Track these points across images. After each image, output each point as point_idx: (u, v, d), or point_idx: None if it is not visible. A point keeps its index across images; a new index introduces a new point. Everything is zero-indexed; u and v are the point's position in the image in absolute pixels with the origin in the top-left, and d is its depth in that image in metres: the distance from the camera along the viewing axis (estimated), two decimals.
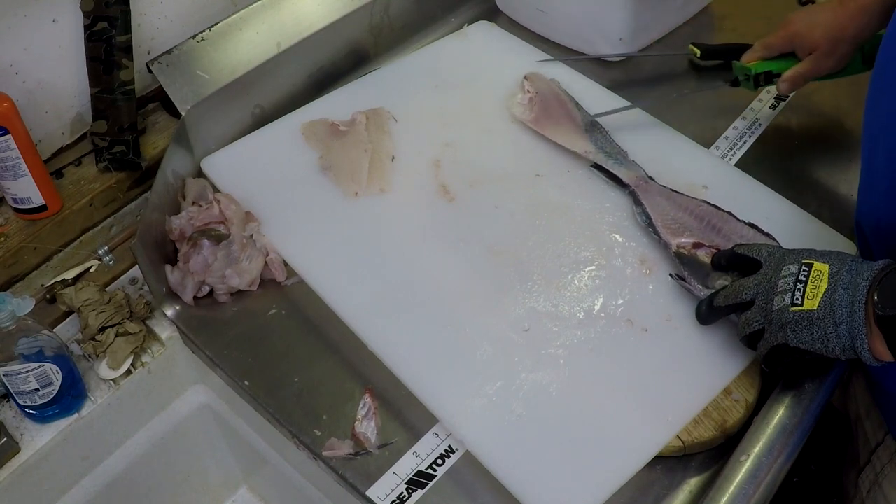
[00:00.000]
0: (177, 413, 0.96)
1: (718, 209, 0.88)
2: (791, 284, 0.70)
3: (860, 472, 0.87)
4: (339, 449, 0.76)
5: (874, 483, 0.85)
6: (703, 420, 0.75)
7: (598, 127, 1.00)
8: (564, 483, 0.72)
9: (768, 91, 1.11)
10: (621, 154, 0.96)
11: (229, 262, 0.87)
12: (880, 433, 0.85)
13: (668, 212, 0.88)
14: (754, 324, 0.73)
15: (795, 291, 0.69)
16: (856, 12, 0.90)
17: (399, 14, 1.17)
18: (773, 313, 0.71)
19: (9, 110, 0.86)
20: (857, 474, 0.87)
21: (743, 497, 0.69)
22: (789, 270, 0.71)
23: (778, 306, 0.70)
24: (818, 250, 0.73)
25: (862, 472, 0.87)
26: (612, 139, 0.99)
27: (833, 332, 0.67)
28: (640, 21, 1.12)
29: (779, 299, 0.70)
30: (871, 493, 0.85)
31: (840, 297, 0.67)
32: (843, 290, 0.67)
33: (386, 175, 0.97)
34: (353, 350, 0.83)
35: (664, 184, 0.92)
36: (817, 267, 0.70)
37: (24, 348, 0.78)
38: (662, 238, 0.87)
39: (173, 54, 0.98)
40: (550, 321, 0.83)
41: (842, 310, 0.67)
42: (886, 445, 0.84)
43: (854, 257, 0.70)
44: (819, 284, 0.69)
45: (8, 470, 0.81)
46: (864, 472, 0.87)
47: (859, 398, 0.90)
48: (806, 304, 0.68)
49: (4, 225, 0.93)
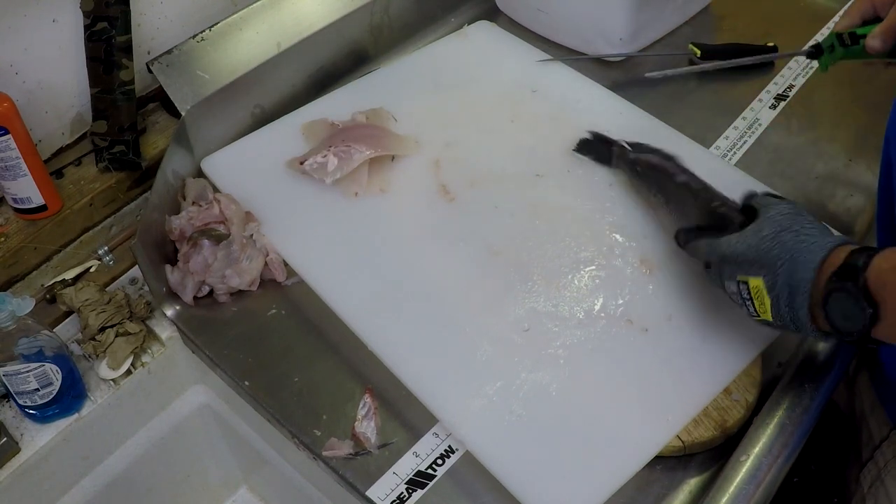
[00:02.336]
0: (177, 413, 0.96)
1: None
2: (740, 301, 0.73)
3: (862, 468, 0.87)
4: (339, 449, 0.76)
5: (876, 479, 0.84)
6: (703, 420, 0.75)
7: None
8: (564, 483, 0.72)
9: (768, 91, 1.11)
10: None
11: (229, 262, 0.87)
12: (885, 429, 0.85)
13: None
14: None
15: (747, 306, 0.72)
16: None
17: (399, 14, 1.17)
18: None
19: (9, 110, 0.86)
20: (859, 471, 0.87)
21: (743, 497, 0.69)
22: (731, 289, 0.73)
23: (740, 309, 0.73)
24: (752, 250, 0.69)
25: (864, 468, 0.87)
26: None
27: (794, 333, 0.71)
28: (640, 21, 1.12)
29: (739, 308, 0.73)
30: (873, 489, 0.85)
31: (785, 315, 0.68)
32: (787, 307, 0.68)
33: (386, 175, 0.97)
34: (353, 350, 0.83)
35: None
36: (752, 283, 0.70)
37: (24, 348, 0.78)
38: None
39: (173, 54, 0.98)
40: (550, 321, 0.83)
41: (792, 323, 0.69)
42: (891, 441, 0.84)
43: (785, 256, 0.67)
44: (763, 300, 0.70)
45: (8, 470, 0.81)
46: (866, 468, 0.87)
47: (864, 395, 0.90)
48: (761, 315, 0.71)
49: (4, 225, 0.93)
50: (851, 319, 0.62)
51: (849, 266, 0.63)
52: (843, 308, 0.63)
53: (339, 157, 0.94)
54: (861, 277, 0.61)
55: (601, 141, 0.98)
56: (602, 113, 1.04)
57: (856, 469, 0.89)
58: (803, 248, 0.67)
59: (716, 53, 1.14)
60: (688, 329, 0.81)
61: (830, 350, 0.79)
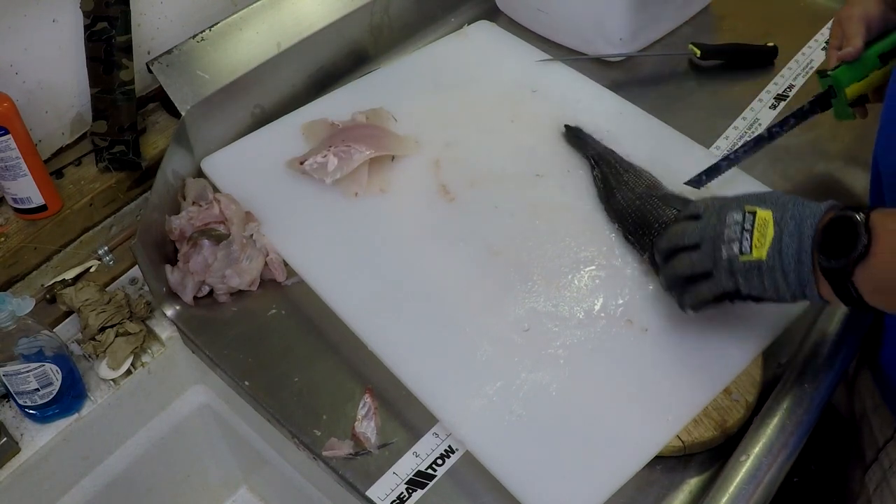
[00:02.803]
0: (177, 413, 0.96)
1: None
2: (738, 233, 0.71)
3: (867, 469, 0.87)
4: (339, 449, 0.76)
5: (882, 480, 0.84)
6: (703, 420, 0.75)
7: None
8: (564, 483, 0.72)
9: (768, 91, 1.11)
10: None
11: (229, 262, 0.87)
12: (888, 430, 0.84)
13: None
14: (700, 267, 0.74)
15: (743, 241, 0.71)
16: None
17: (399, 14, 1.17)
18: (722, 261, 0.72)
19: (9, 110, 0.86)
20: (864, 472, 0.87)
21: (743, 497, 0.69)
22: (734, 219, 0.72)
23: (727, 255, 0.72)
24: (757, 194, 0.74)
25: (868, 470, 0.86)
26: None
27: (783, 281, 0.69)
28: (640, 21, 1.12)
29: (727, 248, 0.72)
30: (879, 491, 0.84)
31: (787, 247, 0.69)
32: (790, 238, 0.69)
33: (386, 175, 0.97)
34: (353, 350, 0.83)
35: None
36: (761, 214, 0.71)
37: (24, 348, 0.78)
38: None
39: (173, 54, 0.98)
40: (550, 321, 0.83)
41: (790, 259, 0.68)
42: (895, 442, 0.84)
43: (795, 199, 0.71)
44: (765, 232, 0.70)
45: (8, 470, 0.81)
46: (870, 469, 0.86)
47: (865, 395, 0.90)
48: (754, 252, 0.70)
49: (4, 225, 0.93)
50: (845, 246, 0.65)
51: (853, 207, 0.67)
52: (843, 232, 0.66)
53: (339, 157, 0.94)
54: (866, 211, 0.65)
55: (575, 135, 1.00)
56: (602, 113, 1.04)
57: (859, 470, 0.88)
58: (809, 201, 0.71)
59: (716, 53, 1.14)
60: (688, 329, 0.81)
61: (831, 350, 0.79)
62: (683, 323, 0.82)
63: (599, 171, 0.95)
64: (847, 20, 0.89)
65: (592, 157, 0.97)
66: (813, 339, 0.80)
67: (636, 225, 0.87)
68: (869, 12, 0.89)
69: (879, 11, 0.89)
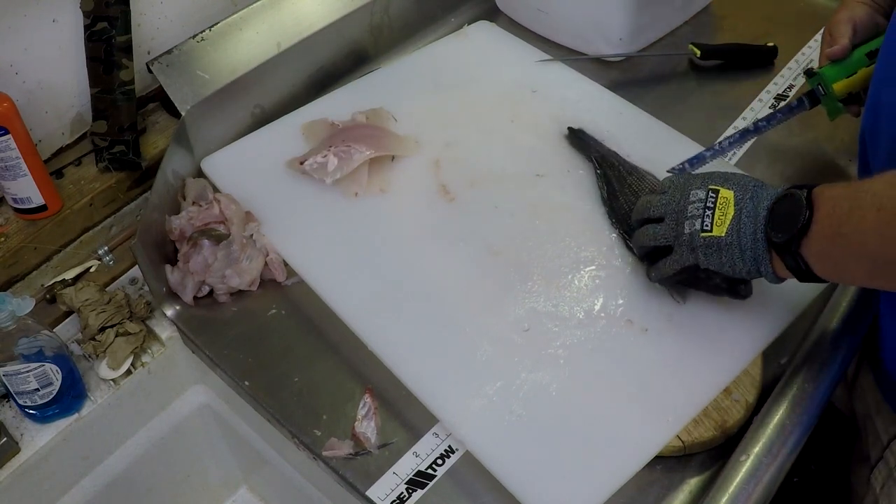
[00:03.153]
0: (177, 413, 0.96)
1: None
2: (700, 210, 0.76)
3: (872, 468, 0.87)
4: (339, 449, 0.76)
5: (888, 478, 0.84)
6: (703, 420, 0.75)
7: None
8: (564, 483, 0.72)
9: (768, 91, 1.11)
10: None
11: (229, 262, 0.87)
12: (892, 428, 0.84)
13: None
14: (662, 239, 0.79)
15: (704, 217, 0.75)
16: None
17: (399, 14, 1.17)
18: (683, 235, 0.76)
19: (9, 110, 0.86)
20: (869, 471, 0.87)
21: (743, 497, 0.69)
22: (697, 196, 0.77)
23: (689, 230, 0.76)
24: (721, 174, 0.78)
25: (874, 469, 0.86)
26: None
27: (739, 258, 0.73)
28: (640, 21, 1.12)
29: (689, 223, 0.76)
30: (886, 489, 0.84)
31: (744, 226, 0.73)
32: (747, 218, 0.73)
33: (386, 175, 0.97)
34: (353, 350, 0.83)
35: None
36: (723, 193, 0.75)
37: (24, 348, 0.78)
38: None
39: (173, 54, 0.98)
40: (550, 321, 0.83)
41: (746, 237, 0.73)
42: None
43: (756, 182, 0.75)
44: (726, 211, 0.74)
45: (8, 470, 0.81)
46: (876, 468, 0.86)
47: (868, 395, 0.89)
48: (715, 229, 0.74)
49: (4, 225, 0.93)
50: (791, 220, 0.69)
51: (797, 185, 0.72)
52: (787, 208, 0.70)
53: (339, 157, 0.94)
54: (806, 189, 0.70)
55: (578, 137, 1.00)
56: (602, 113, 1.04)
57: (864, 470, 0.88)
58: (769, 186, 0.76)
59: (716, 53, 1.14)
60: (688, 329, 0.81)
61: (830, 350, 0.79)
62: (683, 323, 0.82)
63: (603, 174, 0.95)
64: (835, 24, 0.92)
65: (596, 159, 0.97)
66: (813, 339, 0.80)
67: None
68: (856, 15, 0.92)
69: (867, 15, 0.92)
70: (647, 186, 0.91)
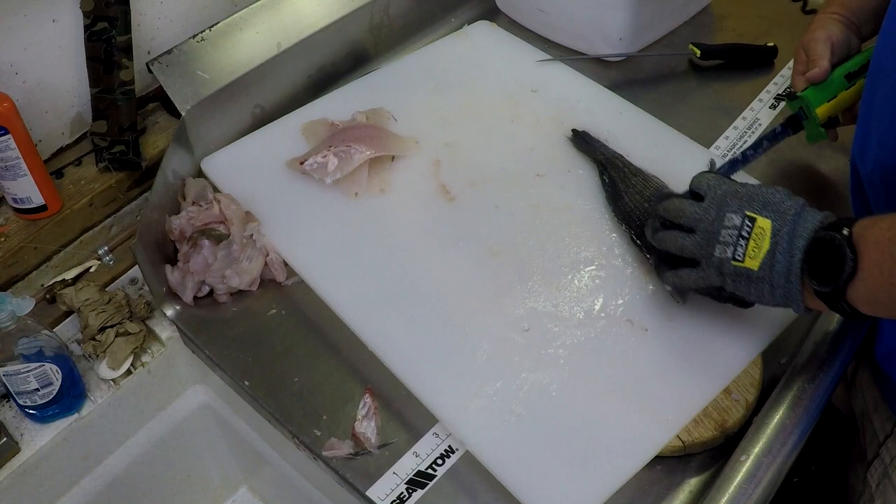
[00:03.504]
0: (177, 413, 0.96)
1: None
2: (734, 238, 0.72)
3: (868, 466, 0.87)
4: (339, 449, 0.76)
5: (884, 476, 0.84)
6: (703, 420, 0.75)
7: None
8: (564, 483, 0.72)
9: (768, 91, 1.11)
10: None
11: (229, 262, 0.87)
12: (889, 426, 0.85)
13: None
14: (688, 251, 0.75)
15: (738, 246, 0.71)
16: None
17: (399, 14, 1.17)
18: (713, 258, 0.73)
19: (9, 110, 0.86)
20: (865, 469, 0.87)
21: (743, 497, 0.69)
22: (732, 222, 0.72)
23: (719, 255, 0.72)
24: (762, 195, 0.73)
25: (870, 467, 0.86)
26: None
27: (769, 292, 0.71)
28: (640, 21, 1.12)
29: (720, 248, 0.72)
30: (881, 487, 0.84)
31: (778, 263, 0.69)
32: (781, 255, 0.69)
33: (386, 175, 0.97)
34: (353, 350, 0.83)
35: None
36: (760, 223, 0.71)
37: (24, 348, 0.78)
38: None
39: (173, 54, 0.98)
40: (550, 321, 0.83)
41: (779, 276, 0.69)
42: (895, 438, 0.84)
43: (797, 209, 0.71)
44: (761, 244, 0.70)
45: (8, 470, 0.81)
46: (872, 466, 0.86)
47: (866, 393, 0.90)
48: (747, 261, 0.71)
49: (4, 225, 0.93)
50: (834, 270, 0.65)
51: (835, 223, 0.68)
52: (828, 255, 0.66)
53: (339, 157, 0.94)
54: (846, 229, 0.66)
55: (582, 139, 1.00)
56: (602, 113, 1.05)
57: (860, 467, 0.88)
58: (810, 211, 0.71)
59: (716, 53, 1.14)
60: (688, 329, 0.81)
61: (830, 350, 0.79)
62: (683, 323, 0.82)
63: (608, 175, 0.94)
64: (812, 43, 0.91)
65: (600, 161, 0.97)
66: (813, 339, 0.80)
67: (641, 227, 0.87)
68: (832, 35, 0.90)
69: (843, 34, 0.90)
70: (653, 187, 0.90)
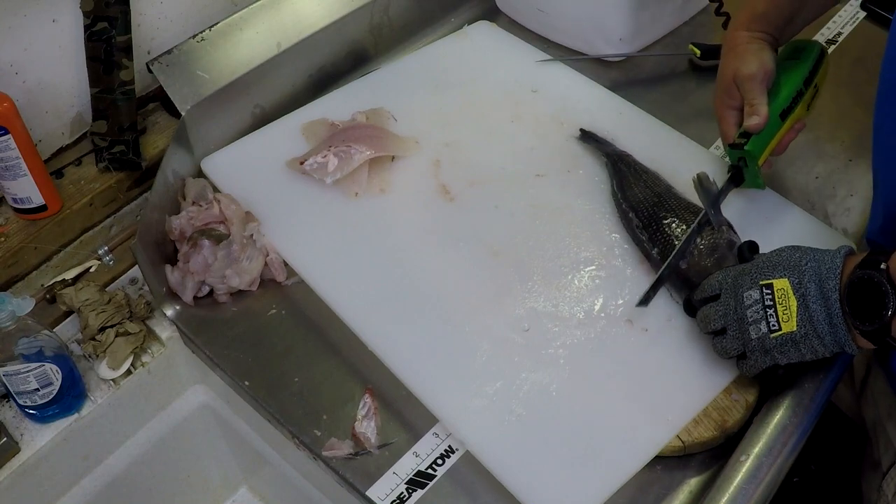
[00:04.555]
0: (177, 413, 0.96)
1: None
2: (761, 312, 0.70)
3: (884, 475, 0.85)
4: (339, 449, 0.76)
5: None
6: (703, 420, 0.75)
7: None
8: (564, 483, 0.72)
9: None
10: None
11: (229, 262, 0.87)
12: None
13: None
14: (733, 350, 0.74)
15: (769, 318, 0.70)
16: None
17: (399, 14, 1.17)
18: (752, 342, 0.72)
19: (9, 110, 0.86)
20: (881, 478, 0.85)
21: (743, 497, 0.69)
22: (752, 298, 0.71)
23: (756, 335, 0.71)
24: (768, 261, 0.72)
25: (886, 475, 0.85)
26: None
27: (819, 345, 0.69)
28: (640, 21, 1.12)
29: (754, 328, 0.71)
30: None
31: (815, 313, 0.68)
32: (815, 304, 0.68)
33: (386, 175, 0.97)
34: (353, 350, 0.83)
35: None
36: (778, 285, 0.70)
37: (24, 348, 0.78)
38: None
39: (173, 54, 0.98)
40: (550, 321, 0.83)
41: (822, 325, 0.68)
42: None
43: (806, 256, 0.70)
44: (788, 304, 0.69)
45: (8, 470, 0.81)
46: (888, 475, 0.84)
47: (879, 401, 0.88)
48: (784, 327, 0.69)
49: (4, 225, 0.93)
50: (876, 309, 0.64)
51: (869, 260, 0.66)
52: (867, 295, 0.64)
53: (339, 157, 0.94)
54: (884, 264, 0.64)
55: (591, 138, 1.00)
56: (602, 113, 1.05)
57: (876, 477, 0.87)
58: (822, 251, 0.69)
59: (716, 53, 1.14)
60: (688, 329, 0.81)
61: None
62: (683, 323, 0.82)
63: (616, 169, 0.95)
64: (748, 82, 0.84)
65: (610, 156, 0.97)
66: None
67: (650, 218, 0.87)
68: (766, 66, 0.84)
69: (772, 60, 0.85)
70: (664, 185, 0.91)
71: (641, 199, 0.89)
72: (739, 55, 0.85)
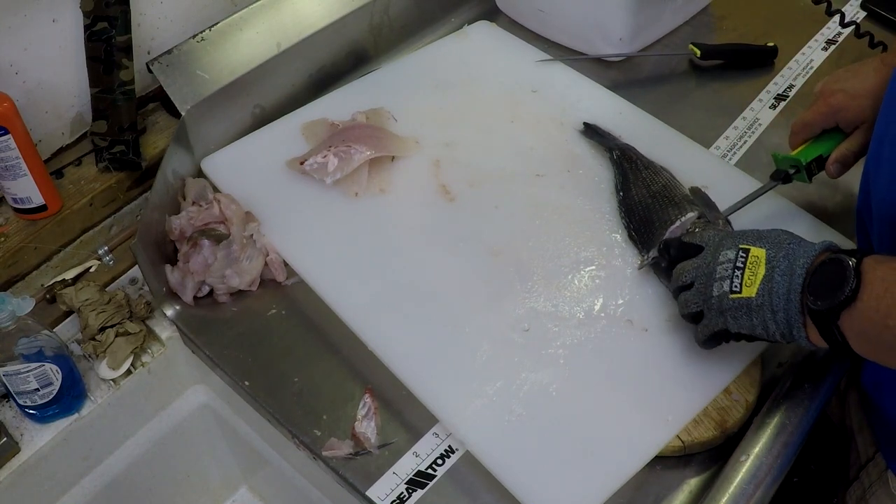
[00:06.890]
0: (177, 413, 0.96)
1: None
2: (729, 271, 0.71)
3: (848, 486, 0.86)
4: (339, 449, 0.76)
5: (861, 499, 0.83)
6: (703, 420, 0.75)
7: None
8: (564, 483, 0.72)
9: (768, 91, 1.11)
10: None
11: (229, 262, 0.87)
12: (871, 450, 0.84)
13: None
14: (692, 305, 0.74)
15: (734, 278, 0.70)
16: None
17: (399, 14, 1.17)
18: (712, 299, 0.72)
19: (9, 110, 0.86)
20: (846, 488, 0.87)
21: (743, 497, 0.69)
22: (727, 256, 0.72)
23: (717, 293, 0.71)
24: (757, 232, 0.73)
25: (850, 487, 0.86)
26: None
27: (771, 319, 0.68)
28: (640, 21, 1.12)
29: (717, 286, 0.71)
30: None
31: (777, 285, 0.68)
32: (780, 277, 0.68)
33: (386, 175, 0.97)
34: (353, 350, 0.83)
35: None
36: (754, 252, 0.70)
37: (24, 348, 0.78)
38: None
39: (173, 54, 0.98)
40: (550, 321, 0.83)
41: (779, 298, 0.67)
42: (876, 462, 0.83)
43: (793, 239, 0.70)
44: (756, 271, 0.69)
45: (8, 470, 0.81)
46: (851, 487, 0.85)
47: (853, 413, 0.89)
48: (744, 291, 0.69)
49: (4, 225, 0.93)
50: (834, 288, 0.64)
51: (846, 251, 0.67)
52: (831, 274, 0.65)
53: (339, 157, 0.94)
54: (857, 256, 0.64)
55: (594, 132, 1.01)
56: (602, 113, 1.04)
57: (842, 486, 0.88)
58: (810, 242, 0.70)
59: (716, 53, 1.14)
60: (688, 329, 0.81)
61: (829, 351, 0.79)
62: (683, 323, 0.82)
63: (619, 167, 0.95)
64: (863, 133, 0.84)
65: (614, 151, 0.97)
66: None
67: (641, 222, 0.87)
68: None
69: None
70: (662, 181, 0.90)
71: (636, 202, 0.90)
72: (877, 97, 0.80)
